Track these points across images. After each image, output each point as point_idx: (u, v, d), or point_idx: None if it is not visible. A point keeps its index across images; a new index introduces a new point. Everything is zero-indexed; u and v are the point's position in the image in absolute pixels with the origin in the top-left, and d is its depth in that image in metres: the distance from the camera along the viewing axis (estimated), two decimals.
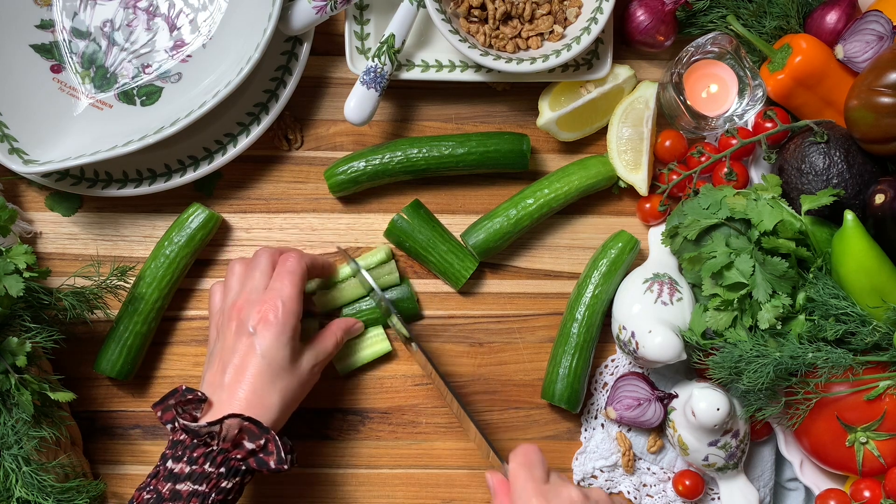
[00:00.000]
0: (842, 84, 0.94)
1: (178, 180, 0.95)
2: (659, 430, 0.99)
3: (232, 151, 0.96)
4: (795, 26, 0.97)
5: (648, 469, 0.99)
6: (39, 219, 0.98)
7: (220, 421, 0.80)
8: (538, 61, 0.92)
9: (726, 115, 0.96)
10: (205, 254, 0.99)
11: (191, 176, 0.95)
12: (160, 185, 0.95)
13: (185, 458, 0.80)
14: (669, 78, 0.95)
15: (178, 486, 0.78)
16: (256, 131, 0.96)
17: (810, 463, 0.96)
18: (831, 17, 0.94)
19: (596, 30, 0.92)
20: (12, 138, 0.90)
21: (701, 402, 0.89)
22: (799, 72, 0.93)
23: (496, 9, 0.94)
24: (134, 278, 0.95)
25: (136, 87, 0.95)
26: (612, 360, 1.00)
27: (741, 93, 0.96)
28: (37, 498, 0.83)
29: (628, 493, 0.99)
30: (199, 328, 0.99)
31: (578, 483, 0.99)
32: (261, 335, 0.84)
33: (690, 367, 0.97)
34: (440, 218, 0.99)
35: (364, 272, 0.94)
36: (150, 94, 0.95)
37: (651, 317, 0.91)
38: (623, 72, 0.98)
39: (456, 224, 1.00)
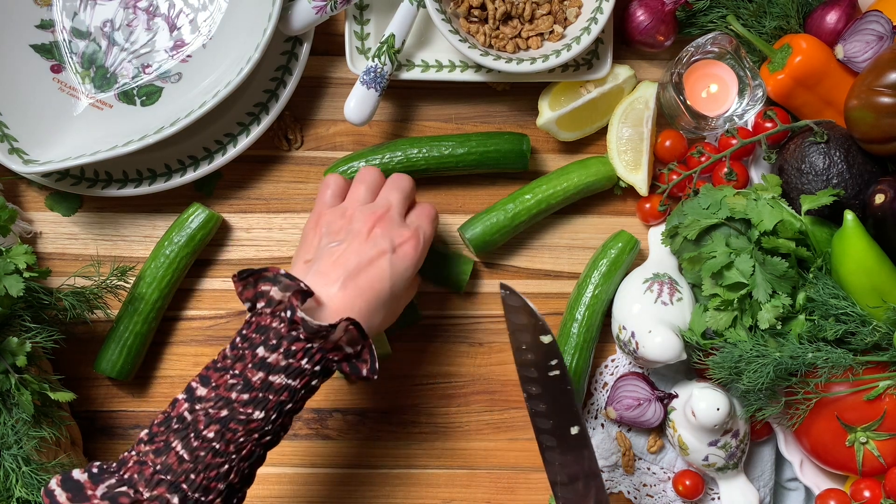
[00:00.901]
0: (842, 84, 0.94)
1: (178, 180, 0.95)
2: (659, 430, 0.99)
3: (232, 151, 0.96)
4: (795, 26, 0.97)
5: (648, 469, 0.99)
6: (39, 219, 0.98)
7: (336, 325, 0.75)
8: (538, 61, 0.92)
9: (726, 115, 0.96)
10: (205, 254, 0.99)
11: (191, 176, 0.95)
12: (160, 185, 0.95)
13: (281, 349, 0.75)
14: (669, 78, 0.95)
15: (272, 378, 0.74)
16: (256, 131, 0.96)
17: (810, 463, 0.96)
18: (831, 17, 0.94)
19: (596, 30, 0.92)
20: (12, 138, 0.90)
21: (701, 402, 0.89)
22: (799, 72, 0.93)
23: (496, 9, 0.94)
24: (134, 278, 0.95)
25: (136, 87, 0.95)
26: (612, 360, 1.00)
27: (741, 93, 0.96)
28: (37, 498, 0.83)
29: (628, 492, 0.99)
30: (199, 328, 0.99)
31: None
32: (399, 259, 0.82)
33: (690, 367, 0.97)
34: (440, 217, 1.00)
35: None
36: (150, 94, 0.95)
37: (651, 317, 0.91)
38: (623, 72, 0.98)
39: (456, 224, 1.00)
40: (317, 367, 0.76)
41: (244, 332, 0.77)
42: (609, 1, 0.92)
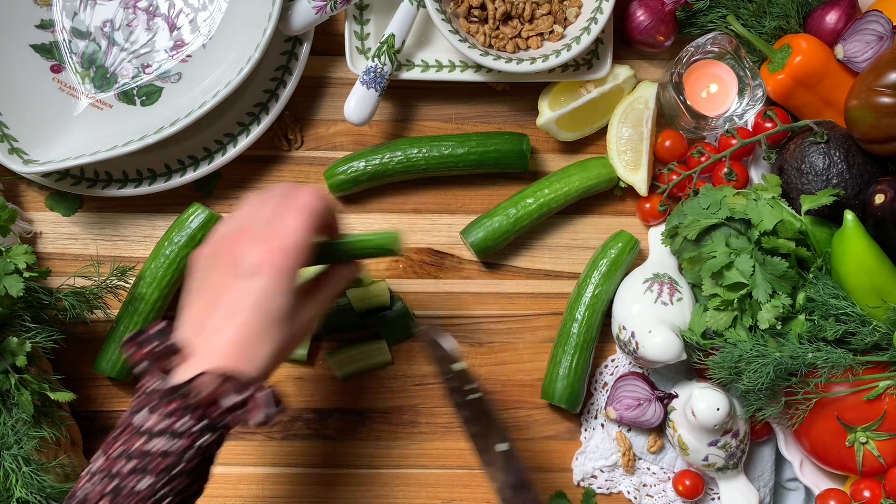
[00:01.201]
0: (842, 84, 0.94)
1: (178, 180, 0.95)
2: (659, 430, 0.99)
3: (232, 151, 0.96)
4: (795, 26, 0.97)
5: (648, 469, 0.99)
6: (39, 219, 0.98)
7: (190, 381, 0.69)
8: (538, 61, 0.92)
9: (726, 115, 0.96)
10: None
11: (191, 176, 0.95)
12: (160, 185, 0.95)
13: (159, 410, 0.69)
14: (669, 78, 0.95)
15: (153, 442, 0.69)
16: (256, 131, 0.96)
17: (810, 463, 0.96)
18: (831, 17, 0.94)
19: (596, 30, 0.92)
20: (12, 138, 0.90)
21: (701, 402, 0.89)
22: (799, 72, 0.93)
23: (496, 9, 0.94)
24: (134, 278, 0.95)
25: (136, 87, 0.95)
26: (612, 360, 1.00)
27: (741, 93, 0.96)
28: (37, 498, 0.83)
29: (628, 493, 0.99)
30: None
31: (577, 484, 0.99)
32: (259, 279, 0.72)
33: (690, 367, 0.97)
34: (440, 218, 1.00)
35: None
36: (150, 94, 0.95)
37: (651, 317, 0.91)
38: (623, 72, 0.98)
39: (456, 224, 1.00)
40: (200, 425, 0.69)
41: (134, 397, 0.73)
42: (609, 1, 0.92)
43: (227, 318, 0.72)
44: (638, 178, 0.97)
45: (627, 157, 0.98)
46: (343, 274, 0.83)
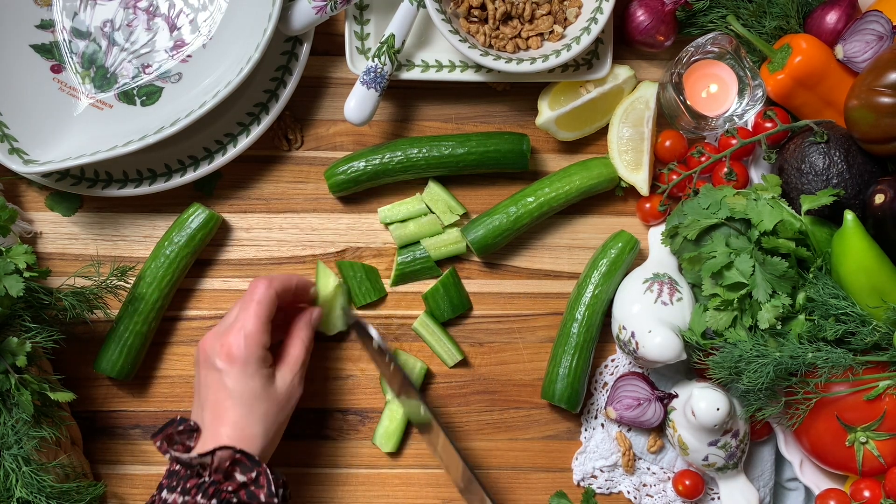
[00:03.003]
0: (842, 84, 0.94)
1: (178, 180, 0.95)
2: (659, 429, 0.99)
3: (232, 151, 0.96)
4: (795, 26, 0.97)
5: (648, 469, 0.99)
6: (39, 219, 0.98)
7: (212, 452, 0.79)
8: (538, 61, 0.92)
9: (726, 115, 0.96)
10: (205, 254, 0.99)
11: (191, 176, 0.95)
12: (160, 185, 0.95)
13: (178, 489, 0.79)
14: (669, 78, 0.95)
15: None
16: (256, 131, 0.96)
17: (810, 463, 0.96)
18: (831, 17, 0.94)
19: (596, 30, 0.92)
20: (12, 138, 0.90)
21: (701, 402, 0.89)
22: (799, 72, 0.93)
23: (496, 9, 0.94)
24: (134, 278, 0.95)
25: (137, 87, 0.95)
26: (612, 360, 1.00)
27: (741, 93, 0.96)
28: (37, 498, 0.83)
29: (628, 492, 0.99)
30: (200, 328, 0.99)
31: (578, 484, 0.99)
32: (227, 371, 0.83)
33: (690, 367, 0.97)
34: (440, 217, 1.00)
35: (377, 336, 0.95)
36: (150, 94, 0.95)
37: (651, 317, 0.91)
38: (623, 72, 0.98)
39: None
40: (213, 501, 0.78)
41: (162, 480, 0.82)
42: (609, 1, 0.92)
43: (214, 413, 0.83)
44: (639, 178, 0.97)
45: (628, 157, 0.98)
46: (301, 325, 0.91)
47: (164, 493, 0.80)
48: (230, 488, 0.80)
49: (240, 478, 0.80)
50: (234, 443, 0.81)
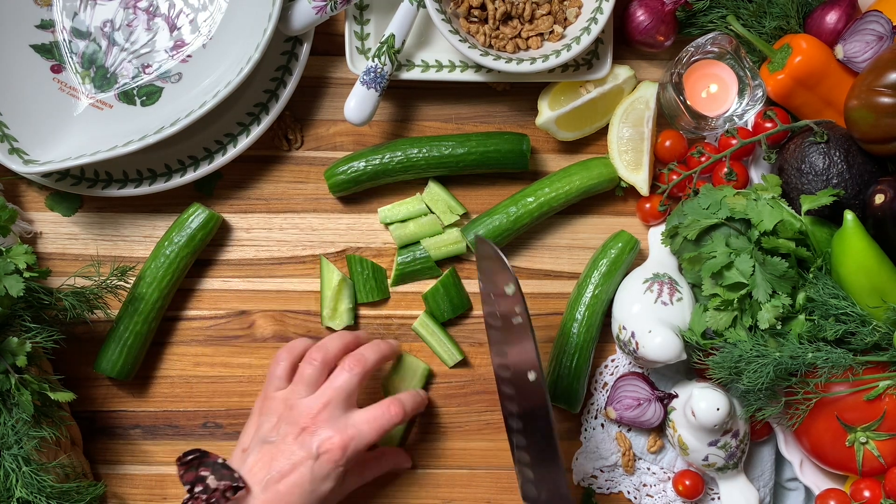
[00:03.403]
0: (842, 84, 0.94)
1: (178, 180, 0.95)
2: (659, 430, 0.99)
3: (232, 151, 0.96)
4: (795, 26, 0.97)
5: (648, 469, 0.99)
6: (39, 219, 0.98)
7: None
8: (538, 61, 0.92)
9: (726, 115, 0.96)
10: (205, 254, 0.99)
11: (191, 176, 0.95)
12: (160, 185, 0.95)
13: None
14: (669, 78, 0.95)
15: None
16: (256, 131, 0.96)
17: (810, 463, 0.96)
18: (831, 17, 0.94)
19: (596, 30, 0.92)
20: (12, 138, 0.90)
21: (701, 402, 0.89)
22: (799, 72, 0.93)
23: (496, 9, 0.94)
24: (134, 278, 0.95)
25: (137, 87, 0.95)
26: (612, 360, 1.00)
27: (741, 93, 0.96)
28: (37, 498, 0.83)
29: (628, 493, 0.99)
30: (200, 328, 0.99)
31: (577, 484, 0.99)
32: (322, 462, 0.83)
33: (690, 367, 0.97)
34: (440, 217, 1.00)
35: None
36: (150, 94, 0.95)
37: (651, 317, 0.91)
38: (623, 72, 0.98)
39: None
40: None
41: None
42: (609, 1, 0.92)
43: (283, 479, 0.82)
44: (639, 178, 0.97)
45: (628, 157, 0.98)
46: (390, 461, 0.93)
47: None
48: None
49: None
50: None
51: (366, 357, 0.88)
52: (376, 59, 0.93)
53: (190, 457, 0.83)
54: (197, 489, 0.80)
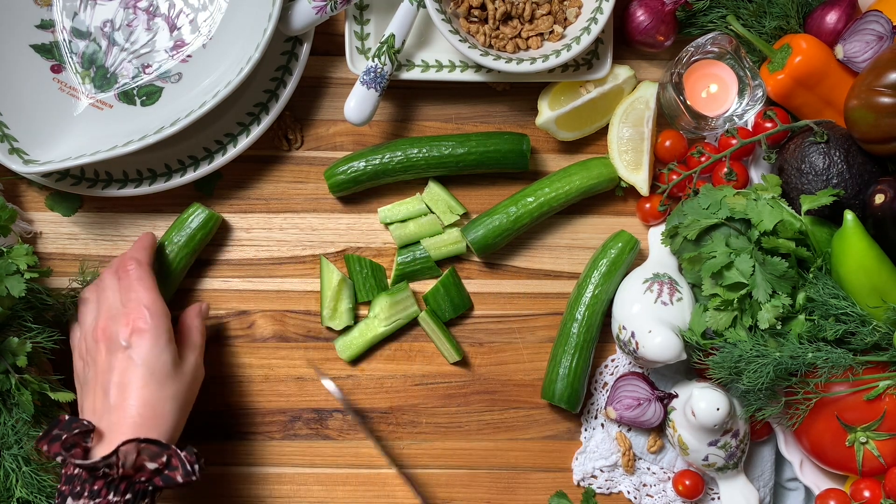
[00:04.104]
0: (842, 84, 0.94)
1: (178, 180, 0.95)
2: (659, 429, 0.99)
3: (232, 151, 0.96)
4: (795, 26, 0.97)
5: (648, 469, 0.99)
6: (40, 219, 0.98)
7: (115, 451, 0.76)
8: (538, 61, 0.92)
9: (726, 115, 0.96)
10: (205, 254, 0.99)
11: (191, 176, 0.95)
12: (160, 185, 0.95)
13: (85, 493, 0.75)
14: (669, 78, 0.95)
15: None
16: (256, 131, 0.96)
17: (810, 463, 0.96)
18: (831, 17, 0.94)
19: (596, 30, 0.92)
20: (12, 138, 0.90)
21: (701, 402, 0.89)
22: (799, 72, 0.93)
23: (496, 9, 0.94)
24: None
25: (137, 87, 0.95)
26: (612, 360, 1.00)
27: (741, 93, 0.96)
28: (37, 498, 0.83)
29: (628, 492, 0.99)
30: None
31: (577, 484, 0.99)
32: (136, 345, 0.82)
33: (690, 367, 0.97)
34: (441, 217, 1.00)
35: (331, 385, 0.95)
36: (150, 94, 0.95)
37: (651, 317, 0.91)
38: (623, 72, 0.98)
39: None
40: (128, 496, 0.76)
41: (59, 487, 0.78)
42: (609, 1, 0.92)
43: (122, 393, 0.80)
44: (639, 178, 0.97)
45: (628, 157, 0.98)
46: (191, 315, 0.91)
47: (69, 502, 0.76)
48: (143, 478, 0.77)
49: (150, 465, 0.77)
50: (144, 423, 0.79)
51: (129, 254, 0.89)
52: (376, 59, 0.93)
53: (44, 434, 0.80)
54: (58, 458, 0.78)
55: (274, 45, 0.95)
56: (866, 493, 0.89)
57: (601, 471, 0.99)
